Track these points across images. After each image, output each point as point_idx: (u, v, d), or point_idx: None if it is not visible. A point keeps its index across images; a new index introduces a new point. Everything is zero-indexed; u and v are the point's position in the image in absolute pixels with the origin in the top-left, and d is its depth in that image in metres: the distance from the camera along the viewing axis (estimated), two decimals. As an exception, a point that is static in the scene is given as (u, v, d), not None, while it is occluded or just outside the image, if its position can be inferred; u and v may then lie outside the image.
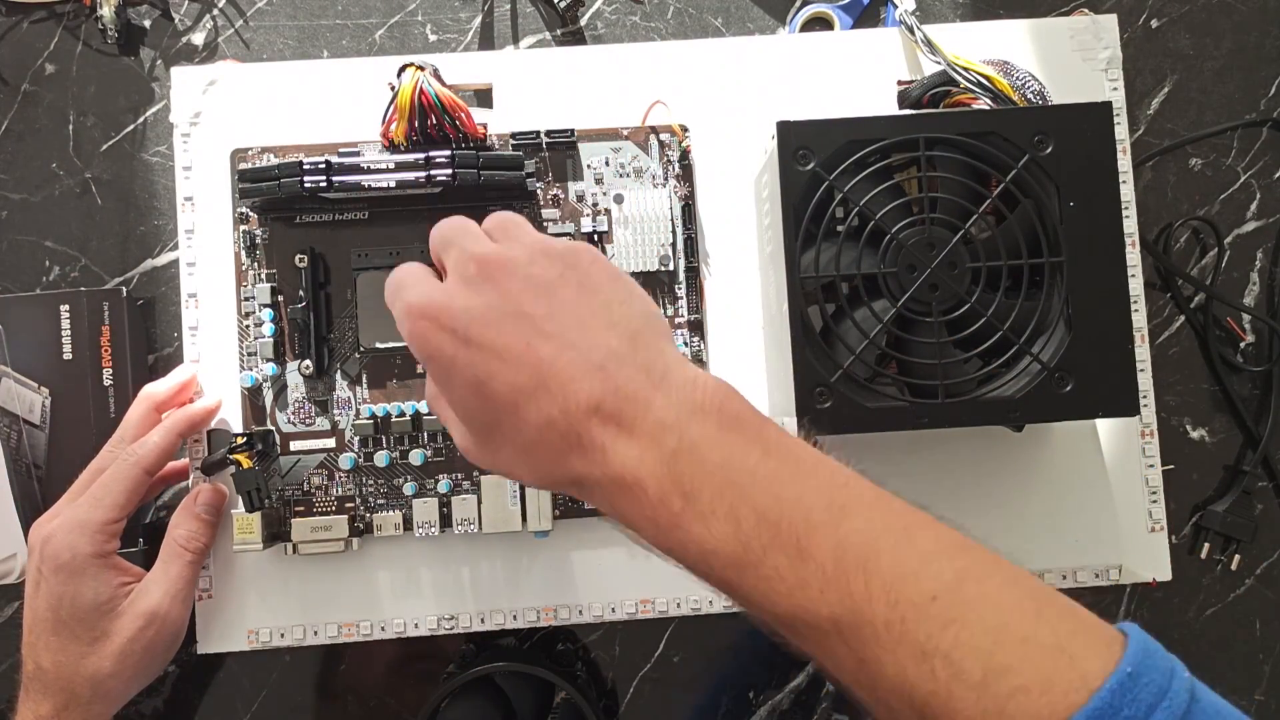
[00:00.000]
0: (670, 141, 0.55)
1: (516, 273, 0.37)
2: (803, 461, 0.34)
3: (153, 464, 0.51)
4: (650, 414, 0.34)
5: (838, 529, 0.32)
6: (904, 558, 0.32)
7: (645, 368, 0.35)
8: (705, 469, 0.33)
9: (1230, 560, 0.61)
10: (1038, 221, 0.48)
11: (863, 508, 0.33)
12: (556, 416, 0.35)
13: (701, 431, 0.34)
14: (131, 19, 0.62)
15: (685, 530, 0.33)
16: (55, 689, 0.48)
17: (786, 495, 0.33)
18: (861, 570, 0.31)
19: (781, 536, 0.32)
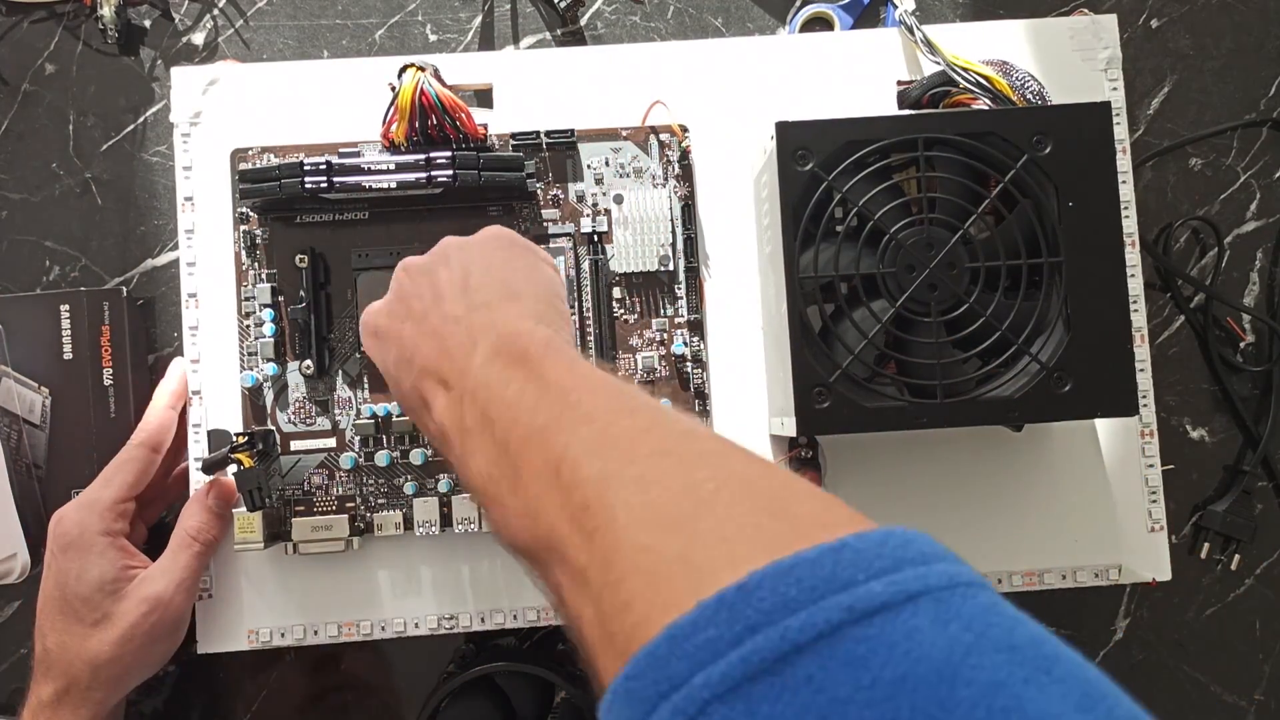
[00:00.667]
0: (670, 141, 0.55)
1: (409, 268, 0.44)
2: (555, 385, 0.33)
3: (155, 440, 0.52)
4: (456, 366, 0.37)
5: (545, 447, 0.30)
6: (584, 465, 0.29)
7: (471, 327, 0.38)
8: (475, 409, 0.35)
9: (1230, 560, 0.61)
10: (1037, 221, 0.48)
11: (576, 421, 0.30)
12: (411, 385, 0.40)
13: (487, 374, 0.35)
14: (131, 19, 0.62)
15: (464, 470, 0.35)
16: (57, 671, 0.49)
17: (521, 421, 0.32)
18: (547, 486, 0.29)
19: (507, 463, 0.32)
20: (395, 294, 0.44)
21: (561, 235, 0.55)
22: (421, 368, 0.39)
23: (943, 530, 0.55)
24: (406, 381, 0.41)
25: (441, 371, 0.38)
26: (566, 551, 0.28)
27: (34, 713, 0.49)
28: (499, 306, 0.39)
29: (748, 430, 0.55)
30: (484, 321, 0.38)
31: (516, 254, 0.44)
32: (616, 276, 0.55)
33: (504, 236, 0.45)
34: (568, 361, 0.34)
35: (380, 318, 0.44)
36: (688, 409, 0.54)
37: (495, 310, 0.39)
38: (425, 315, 0.40)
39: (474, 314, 0.39)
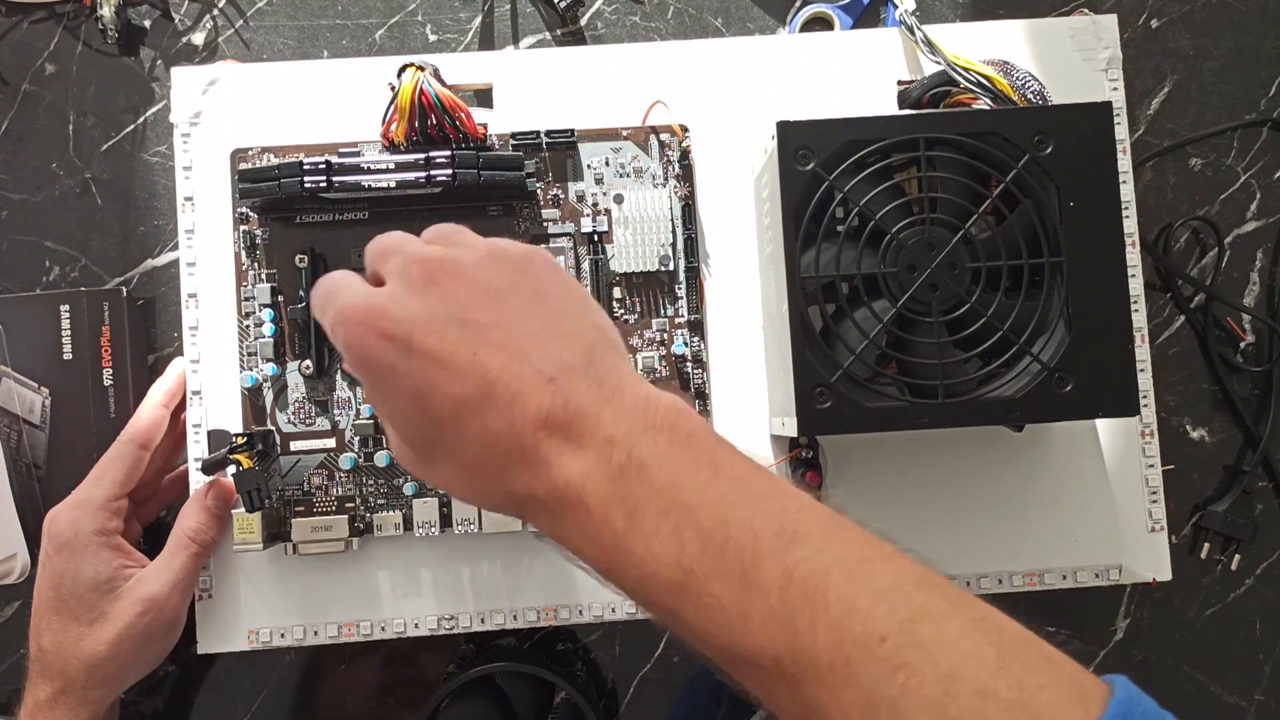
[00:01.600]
0: (670, 141, 0.55)
1: (464, 276, 0.35)
2: (754, 484, 0.32)
3: (145, 437, 0.52)
4: (600, 429, 0.32)
5: (786, 557, 0.30)
6: (855, 592, 0.29)
7: (598, 381, 0.33)
8: (651, 488, 0.31)
9: (1230, 560, 0.61)
10: (1038, 221, 0.48)
11: (815, 535, 0.30)
12: (502, 430, 0.33)
13: (651, 449, 0.32)
14: (131, 19, 0.62)
15: (627, 552, 0.31)
16: (53, 672, 0.48)
17: (734, 519, 0.31)
18: (808, 604, 0.29)
19: (726, 562, 0.30)
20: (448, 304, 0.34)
21: (561, 235, 0.55)
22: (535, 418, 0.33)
23: (943, 530, 0.55)
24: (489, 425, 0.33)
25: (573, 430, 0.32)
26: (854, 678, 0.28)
27: (30, 713, 0.49)
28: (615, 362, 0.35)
29: (748, 430, 0.55)
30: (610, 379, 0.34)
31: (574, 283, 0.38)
32: (616, 276, 0.55)
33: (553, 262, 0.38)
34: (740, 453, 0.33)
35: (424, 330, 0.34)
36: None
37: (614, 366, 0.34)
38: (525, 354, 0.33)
39: (594, 368, 0.34)
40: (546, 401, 0.33)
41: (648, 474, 0.32)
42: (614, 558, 0.32)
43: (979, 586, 0.55)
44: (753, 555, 0.30)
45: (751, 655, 0.30)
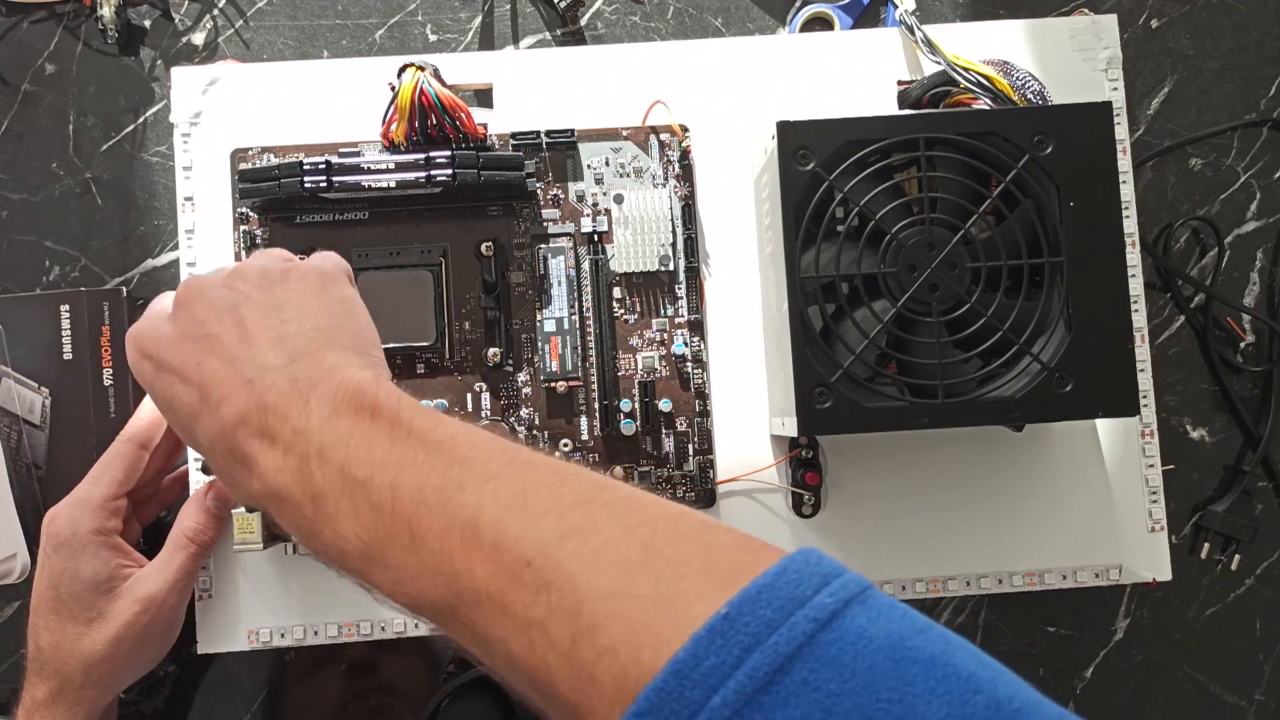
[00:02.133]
0: (670, 141, 0.55)
1: (204, 297, 0.39)
2: (428, 443, 0.33)
3: (144, 437, 0.52)
4: (288, 423, 0.34)
5: (446, 506, 0.31)
6: (506, 524, 0.30)
7: (294, 378, 0.35)
8: (328, 470, 0.33)
9: (1230, 560, 0.61)
10: (1038, 221, 0.48)
11: (478, 479, 0.31)
12: (216, 433, 0.36)
13: (334, 433, 0.33)
14: (131, 19, 0.62)
15: (319, 535, 0.33)
16: (50, 671, 0.48)
17: (405, 481, 0.32)
18: (464, 545, 0.30)
19: (396, 526, 0.31)
20: (189, 325, 0.39)
21: (561, 235, 0.55)
22: (234, 419, 0.35)
23: (943, 530, 0.55)
24: (208, 431, 0.36)
25: (266, 426, 0.35)
26: (509, 606, 0.29)
27: (28, 712, 0.49)
28: (322, 356, 0.36)
29: (748, 430, 0.55)
30: (309, 374, 0.35)
31: (331, 294, 0.40)
32: (616, 276, 0.55)
33: (313, 274, 0.41)
34: (428, 415, 0.34)
35: (168, 348, 0.39)
36: (688, 409, 0.54)
37: (319, 361, 0.36)
38: (234, 359, 0.36)
39: (295, 365, 0.36)
40: (243, 402, 0.35)
41: (326, 458, 0.33)
42: (314, 543, 0.34)
43: (979, 586, 0.55)
44: (417, 511, 0.31)
45: (429, 603, 0.31)
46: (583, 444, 0.54)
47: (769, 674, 0.24)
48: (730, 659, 0.25)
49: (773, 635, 0.25)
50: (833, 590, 0.26)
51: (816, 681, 0.24)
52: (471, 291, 0.54)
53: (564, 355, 0.54)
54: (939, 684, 0.25)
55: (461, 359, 0.54)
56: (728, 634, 0.25)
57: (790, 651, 0.25)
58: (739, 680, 0.24)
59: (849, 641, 0.25)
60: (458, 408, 0.54)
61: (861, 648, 0.25)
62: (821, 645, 0.25)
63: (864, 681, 0.24)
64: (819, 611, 0.26)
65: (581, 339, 0.54)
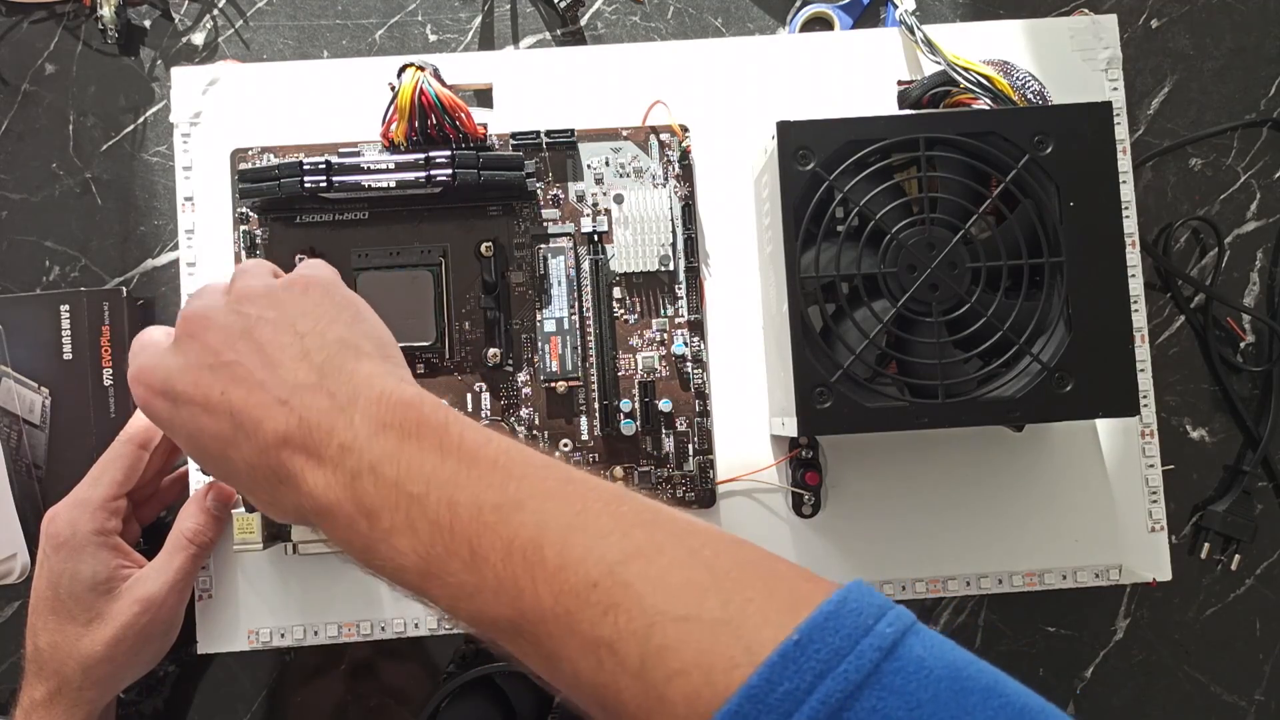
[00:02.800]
0: (670, 141, 0.55)
1: (214, 323, 0.38)
2: (481, 460, 0.33)
3: (143, 437, 0.52)
4: (334, 439, 0.34)
5: (506, 525, 0.31)
6: (571, 544, 0.30)
7: (331, 393, 0.35)
8: (382, 486, 0.33)
9: (1230, 560, 0.61)
10: (1038, 221, 0.48)
11: (537, 499, 0.32)
12: (255, 457, 0.36)
13: (383, 448, 0.33)
14: (131, 19, 0.62)
15: (374, 551, 0.33)
16: (49, 671, 0.48)
17: (461, 499, 0.32)
18: (528, 566, 0.30)
19: (456, 543, 0.31)
20: (203, 355, 0.38)
21: (561, 235, 0.55)
22: (277, 441, 0.35)
23: (943, 530, 0.55)
24: (244, 455, 0.36)
25: (311, 444, 0.34)
26: (575, 626, 0.29)
27: (26, 713, 0.49)
28: (354, 369, 0.36)
29: (748, 430, 0.55)
30: (345, 388, 0.35)
31: (337, 302, 0.40)
32: (616, 276, 0.55)
33: (315, 285, 0.40)
34: (477, 430, 0.34)
35: (183, 382, 0.38)
36: (688, 409, 0.54)
37: (351, 374, 0.36)
38: (262, 383, 0.36)
39: (328, 381, 0.36)
40: (282, 424, 0.35)
41: (379, 474, 0.33)
42: (368, 558, 0.34)
43: (979, 586, 0.55)
44: (477, 530, 0.31)
45: (492, 622, 0.31)
46: (583, 444, 0.54)
47: (841, 700, 0.25)
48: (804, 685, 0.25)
49: (842, 663, 0.26)
50: (890, 621, 0.27)
51: (885, 709, 0.25)
52: (471, 291, 0.54)
53: (564, 355, 0.54)
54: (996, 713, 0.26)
55: (461, 359, 0.54)
56: (800, 660, 0.26)
57: (860, 679, 0.26)
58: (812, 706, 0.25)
59: (911, 671, 0.26)
60: (458, 408, 0.54)
61: (923, 677, 0.26)
62: (887, 674, 0.26)
63: (929, 710, 0.25)
64: (882, 640, 0.26)
65: (581, 339, 0.54)
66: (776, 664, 0.26)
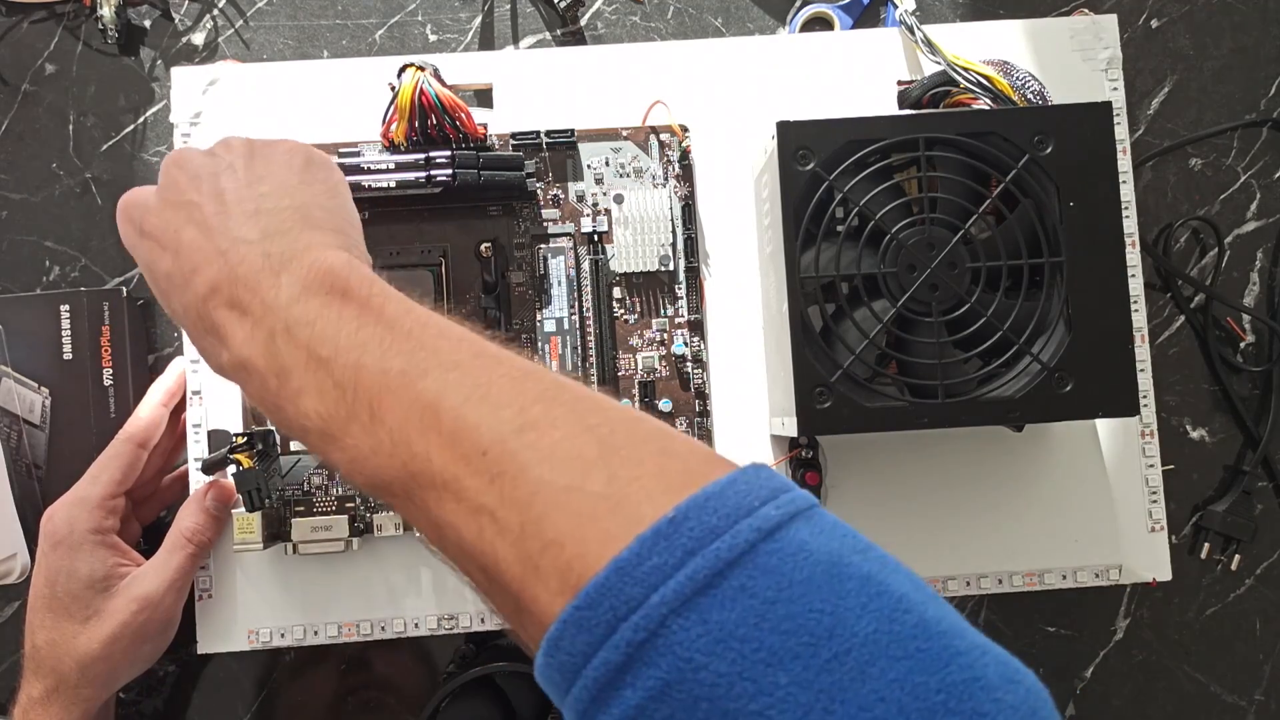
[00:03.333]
0: (670, 141, 0.55)
1: (189, 164, 0.39)
2: (396, 328, 0.33)
3: (142, 436, 0.52)
4: (258, 297, 0.35)
5: (409, 390, 0.31)
6: (468, 412, 0.30)
7: (267, 253, 0.36)
8: (295, 346, 0.34)
9: (1230, 560, 0.61)
10: (1037, 221, 0.48)
11: (442, 368, 0.32)
12: (190, 301, 0.37)
13: (303, 310, 0.34)
14: (131, 19, 0.62)
15: (282, 409, 0.34)
16: (46, 669, 0.48)
17: (368, 363, 0.32)
18: (423, 429, 0.31)
19: (358, 405, 0.32)
20: (170, 191, 0.39)
21: (561, 235, 0.55)
22: (207, 289, 0.36)
23: (943, 530, 0.55)
24: (182, 299, 0.37)
25: (237, 299, 0.35)
26: (462, 491, 0.29)
27: (24, 711, 0.49)
28: (297, 235, 0.37)
29: (748, 430, 0.55)
30: (283, 251, 0.36)
31: (314, 174, 0.40)
32: (616, 276, 0.55)
33: (299, 151, 0.41)
34: (397, 300, 0.35)
35: (150, 214, 0.39)
36: (688, 409, 0.54)
37: (294, 239, 0.36)
38: (210, 230, 0.37)
39: (269, 241, 0.36)
40: (215, 273, 0.36)
41: (294, 335, 0.34)
42: (276, 415, 0.35)
43: (979, 586, 0.55)
44: (379, 393, 0.32)
45: (385, 483, 0.32)
46: (583, 444, 0.54)
47: (708, 577, 0.25)
48: (673, 560, 0.25)
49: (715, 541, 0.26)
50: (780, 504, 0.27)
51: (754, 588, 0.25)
52: (471, 291, 0.54)
53: (564, 355, 0.54)
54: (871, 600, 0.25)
55: (461, 359, 0.54)
56: (672, 536, 0.26)
57: (731, 558, 0.25)
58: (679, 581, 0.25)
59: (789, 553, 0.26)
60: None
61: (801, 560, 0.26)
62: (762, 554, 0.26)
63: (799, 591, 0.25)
64: (763, 522, 0.26)
65: (581, 339, 0.54)
66: (648, 539, 0.26)
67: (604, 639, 0.25)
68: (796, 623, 0.25)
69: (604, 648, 0.25)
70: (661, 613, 0.25)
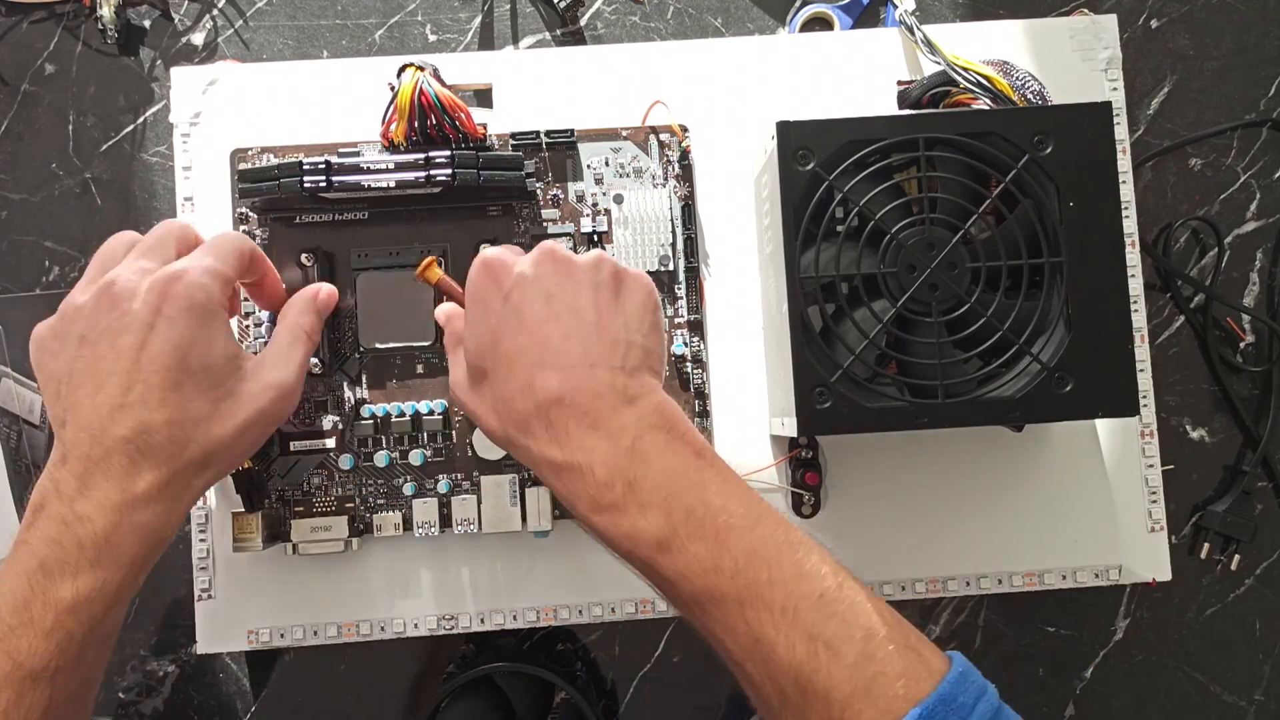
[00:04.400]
0: (670, 141, 0.55)
1: (575, 271, 0.44)
2: (728, 478, 0.41)
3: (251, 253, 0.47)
4: (616, 419, 0.41)
5: (751, 532, 0.39)
6: (799, 561, 0.39)
7: (623, 387, 0.42)
8: (649, 468, 0.40)
9: (1230, 560, 0.61)
10: (1037, 222, 0.48)
11: (770, 522, 0.40)
12: (537, 388, 0.42)
13: (652, 441, 0.41)
14: (131, 19, 0.62)
15: (621, 512, 0.40)
16: (162, 456, 0.41)
17: (712, 500, 0.40)
18: (766, 565, 0.38)
19: (705, 529, 0.39)
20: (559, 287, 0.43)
21: (561, 235, 0.55)
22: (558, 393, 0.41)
23: (943, 530, 0.55)
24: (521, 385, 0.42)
25: (591, 411, 0.41)
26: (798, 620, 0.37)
27: (118, 510, 0.41)
28: (646, 376, 0.43)
29: (748, 430, 0.55)
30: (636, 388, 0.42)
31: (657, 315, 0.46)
32: (617, 276, 0.55)
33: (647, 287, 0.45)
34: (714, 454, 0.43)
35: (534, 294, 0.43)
36: (688, 409, 0.54)
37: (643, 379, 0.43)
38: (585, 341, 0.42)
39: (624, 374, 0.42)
40: (573, 383, 0.42)
41: (647, 457, 0.41)
42: (609, 516, 0.41)
43: (979, 586, 0.55)
44: (726, 527, 0.39)
45: (722, 597, 0.39)
46: (583, 444, 0.54)
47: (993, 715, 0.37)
48: (970, 701, 0.36)
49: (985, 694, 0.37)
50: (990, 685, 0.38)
51: None
52: (471, 291, 0.54)
53: (564, 355, 0.54)
54: None
55: (461, 359, 0.54)
56: (964, 685, 0.37)
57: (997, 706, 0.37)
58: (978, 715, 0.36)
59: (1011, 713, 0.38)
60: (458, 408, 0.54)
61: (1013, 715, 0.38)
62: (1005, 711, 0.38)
63: None
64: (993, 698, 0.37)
65: (581, 339, 0.54)
66: (954, 682, 0.36)
67: None
68: None
69: None
70: None
